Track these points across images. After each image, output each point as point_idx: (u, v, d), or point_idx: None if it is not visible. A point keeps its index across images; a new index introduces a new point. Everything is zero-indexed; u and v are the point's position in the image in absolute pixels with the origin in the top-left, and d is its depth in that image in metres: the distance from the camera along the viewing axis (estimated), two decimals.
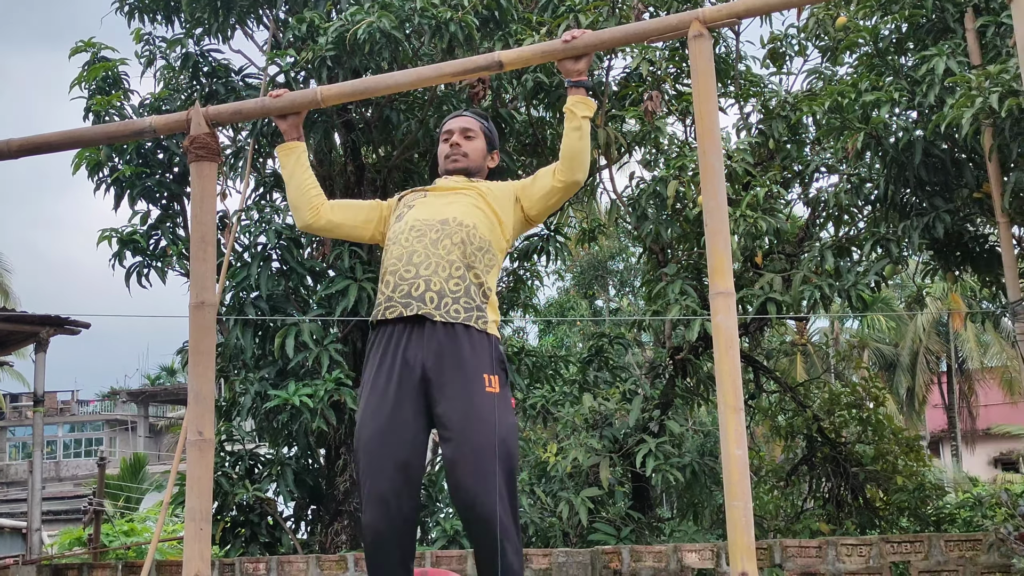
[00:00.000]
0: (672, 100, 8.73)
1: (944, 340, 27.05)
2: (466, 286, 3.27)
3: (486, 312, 3.30)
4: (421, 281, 3.25)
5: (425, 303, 3.22)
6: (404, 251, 3.32)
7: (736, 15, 3.17)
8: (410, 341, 3.23)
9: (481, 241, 3.36)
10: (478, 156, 3.60)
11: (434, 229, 3.34)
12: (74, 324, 10.28)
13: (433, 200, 3.47)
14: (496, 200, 3.47)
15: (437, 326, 3.21)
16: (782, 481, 10.76)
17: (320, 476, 9.15)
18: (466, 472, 3.10)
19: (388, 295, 3.29)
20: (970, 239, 8.22)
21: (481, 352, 3.22)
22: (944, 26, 7.56)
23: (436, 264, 3.27)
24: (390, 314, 3.26)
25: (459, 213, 3.38)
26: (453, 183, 3.53)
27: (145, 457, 27.79)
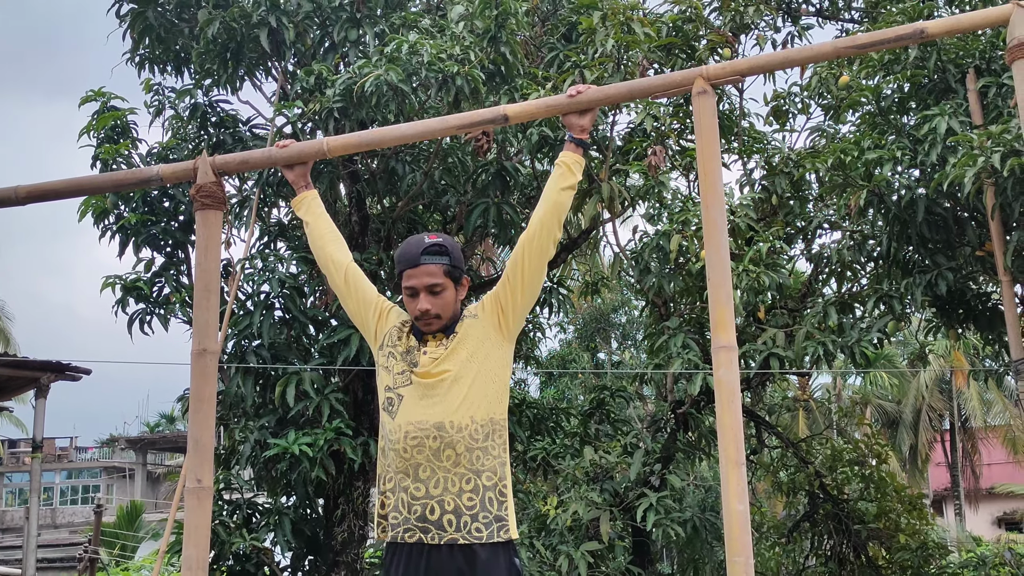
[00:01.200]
0: (676, 155, 8.79)
1: (947, 398, 26.96)
2: (480, 499, 3.19)
3: (505, 518, 3.23)
4: (435, 503, 3.17)
5: (445, 529, 3.15)
6: (408, 465, 3.22)
7: (740, 73, 3.21)
8: (430, 562, 3.18)
9: (485, 428, 3.25)
10: (449, 307, 3.36)
11: (432, 437, 3.20)
12: (75, 370, 10.29)
13: (422, 391, 3.28)
14: (480, 353, 3.31)
15: (456, 549, 3.16)
16: (784, 537, 10.67)
17: (318, 526, 9.08)
18: None
19: (405, 516, 3.20)
20: (973, 297, 8.22)
21: (498, 563, 3.18)
22: (946, 86, 7.64)
23: (445, 480, 3.18)
24: (409, 538, 3.19)
25: (453, 413, 3.22)
26: (435, 364, 3.30)
27: (142, 505, 27.61)
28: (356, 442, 8.21)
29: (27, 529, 10.40)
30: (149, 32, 9.05)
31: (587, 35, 8.29)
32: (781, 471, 10.99)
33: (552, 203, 3.29)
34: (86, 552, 11.57)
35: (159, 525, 24.67)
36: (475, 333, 3.34)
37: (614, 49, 8.05)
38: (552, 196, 3.30)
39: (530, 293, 3.35)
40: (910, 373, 24.99)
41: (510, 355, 3.40)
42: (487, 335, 3.34)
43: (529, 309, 3.45)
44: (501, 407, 3.31)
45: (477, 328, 3.34)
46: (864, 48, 3.18)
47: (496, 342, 3.34)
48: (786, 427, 19.64)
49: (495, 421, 3.28)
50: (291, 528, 8.51)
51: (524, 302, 3.35)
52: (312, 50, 8.96)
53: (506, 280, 3.35)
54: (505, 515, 3.23)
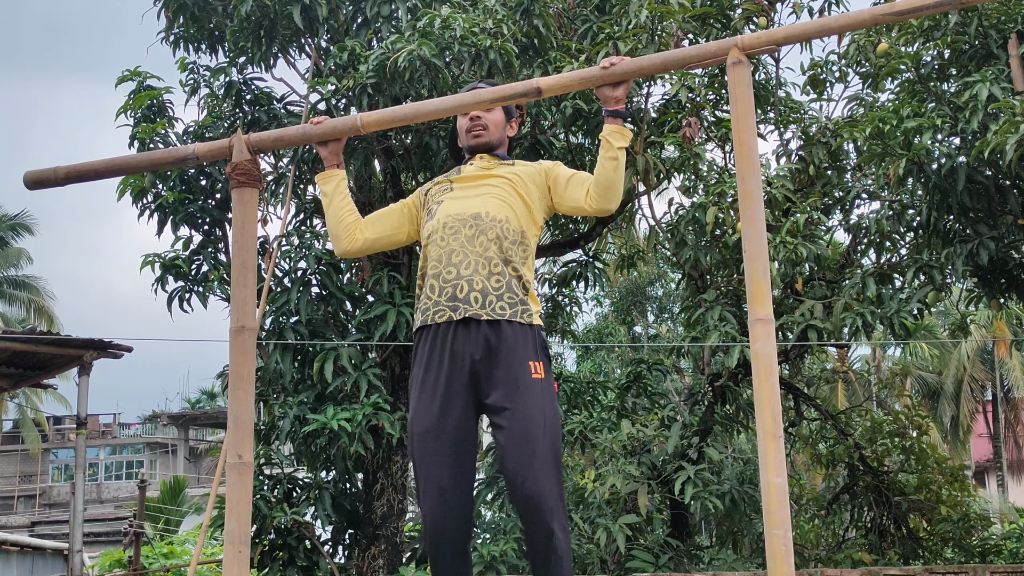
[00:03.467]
0: (711, 127, 8.71)
1: (989, 368, 26.68)
2: (507, 282, 3.36)
3: (528, 304, 3.40)
4: (464, 282, 3.33)
5: (471, 304, 3.32)
6: (442, 251, 3.39)
7: (775, 42, 3.17)
8: (456, 337, 3.33)
9: (515, 234, 3.44)
10: (498, 128, 3.65)
11: (468, 225, 3.40)
12: (117, 348, 10.41)
13: (461, 192, 3.51)
14: (525, 187, 3.53)
15: (482, 323, 3.31)
16: (823, 510, 10.63)
17: (358, 500, 9.16)
18: (517, 455, 3.24)
19: (435, 299, 3.37)
20: (1015, 266, 8.11)
21: (525, 341, 3.34)
22: (987, 52, 7.51)
23: (475, 262, 3.35)
24: (439, 318, 3.35)
25: (491, 207, 3.44)
26: (478, 171, 3.57)
27: (185, 480, 27.99)
28: (394, 417, 8.26)
29: (73, 504, 10.58)
30: (183, 11, 9.09)
31: (620, 6, 8.21)
32: (820, 443, 10.93)
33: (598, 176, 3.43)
34: (131, 527, 11.77)
35: (202, 500, 25.02)
36: (527, 173, 3.56)
37: (648, 20, 7.97)
38: (597, 172, 3.43)
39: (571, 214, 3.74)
40: (951, 344, 24.73)
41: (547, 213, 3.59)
42: (537, 184, 3.55)
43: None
44: (532, 234, 3.52)
45: (530, 174, 3.56)
46: (903, 14, 3.13)
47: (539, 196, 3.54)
48: (825, 399, 19.53)
49: (526, 236, 3.48)
50: (331, 502, 8.59)
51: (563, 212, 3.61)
52: (345, 26, 8.96)
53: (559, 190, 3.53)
54: (529, 303, 3.41)
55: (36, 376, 11.36)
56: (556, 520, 3.24)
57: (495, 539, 8.62)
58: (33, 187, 3.53)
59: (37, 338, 10.54)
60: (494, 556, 8.21)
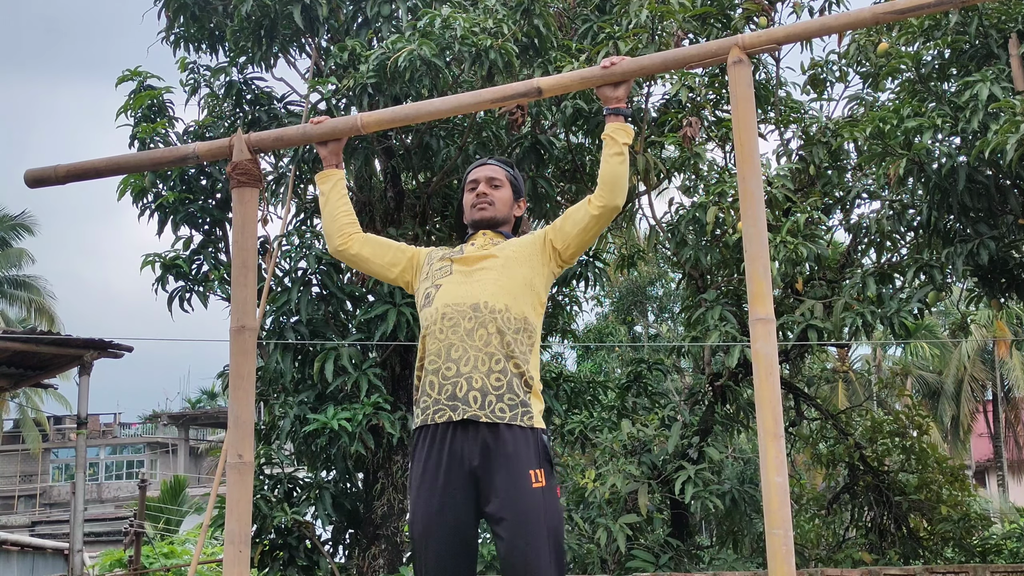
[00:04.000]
0: (712, 126, 8.71)
1: (989, 368, 26.67)
2: (508, 380, 3.25)
3: (530, 406, 3.29)
4: (463, 380, 3.23)
5: (470, 404, 3.22)
6: (441, 346, 3.29)
7: (776, 41, 3.17)
8: (455, 438, 3.25)
9: (517, 323, 3.33)
10: (505, 205, 3.57)
11: (467, 317, 3.30)
12: (117, 347, 10.41)
13: (460, 276, 3.41)
14: (524, 261, 3.43)
15: (481, 426, 3.23)
16: (823, 509, 10.63)
17: (358, 500, 9.17)
18: (518, 568, 3.17)
19: (435, 398, 3.27)
20: (1015, 266, 8.11)
21: (526, 448, 3.24)
22: (987, 52, 7.50)
23: (475, 359, 3.25)
24: (439, 418, 3.26)
25: (490, 295, 3.33)
26: (478, 250, 3.47)
27: (185, 480, 27.99)
28: (394, 416, 8.27)
29: (74, 504, 10.58)
30: (184, 11, 9.10)
31: (621, 5, 8.22)
32: (820, 443, 10.93)
33: (602, 178, 3.38)
34: (132, 526, 11.77)
35: (202, 499, 25.02)
36: (525, 247, 3.48)
37: (648, 19, 7.97)
38: (602, 171, 3.40)
39: (583, 248, 3.52)
40: (951, 343, 24.72)
41: (550, 280, 3.51)
42: (535, 252, 3.47)
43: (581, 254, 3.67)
44: (536, 316, 3.42)
45: (528, 245, 3.49)
46: (904, 13, 3.13)
47: (541, 262, 3.46)
48: (825, 399, 19.53)
49: (529, 322, 3.37)
50: (331, 502, 8.60)
51: (575, 253, 3.50)
52: (345, 26, 8.96)
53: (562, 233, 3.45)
54: (530, 403, 3.30)
55: (37, 376, 11.36)
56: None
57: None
58: (34, 185, 3.54)
59: (38, 338, 10.54)
60: (494, 556, 8.20)
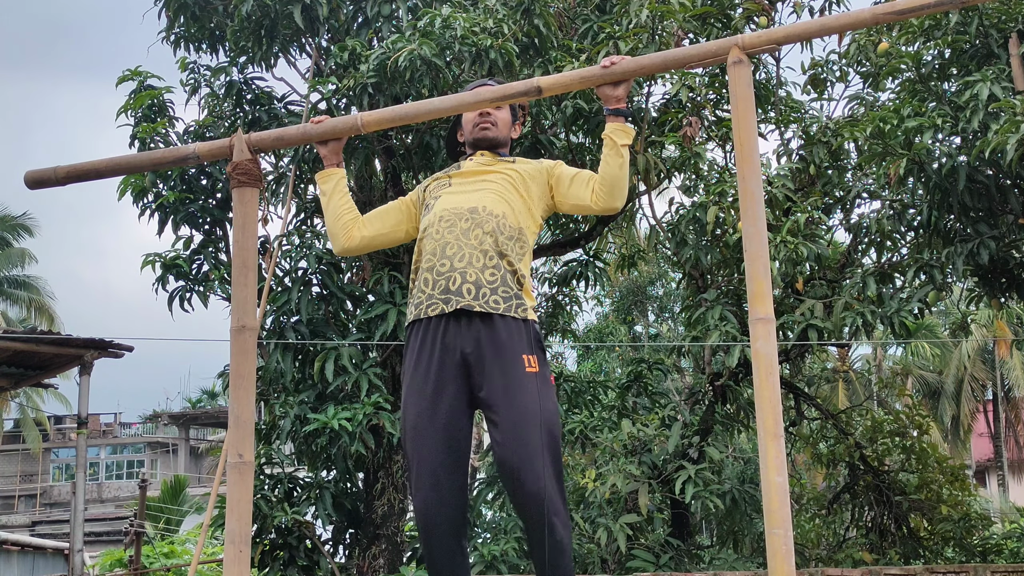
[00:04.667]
0: (712, 126, 8.71)
1: (990, 368, 26.66)
2: (501, 275, 3.32)
3: (523, 299, 3.36)
4: (457, 274, 3.30)
5: (464, 296, 3.28)
6: (436, 244, 3.36)
7: (776, 41, 3.17)
8: (448, 330, 3.30)
9: (512, 230, 3.40)
10: (505, 126, 3.64)
11: (464, 218, 3.37)
12: (118, 347, 10.40)
13: (459, 187, 3.49)
14: (525, 184, 3.50)
15: (475, 317, 3.28)
16: (824, 509, 10.63)
17: (358, 500, 9.17)
18: (512, 450, 3.20)
19: (428, 292, 3.33)
20: (1016, 266, 8.11)
21: (519, 335, 3.30)
22: (988, 51, 7.50)
23: (470, 255, 3.32)
24: (431, 311, 3.31)
25: (488, 202, 3.41)
26: (478, 166, 3.54)
27: (186, 479, 28.00)
28: (395, 416, 8.27)
29: (74, 503, 10.58)
30: (184, 11, 9.10)
31: (621, 5, 8.22)
32: (820, 443, 10.93)
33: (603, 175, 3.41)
34: (132, 526, 11.78)
35: (203, 499, 25.03)
36: (529, 172, 3.53)
37: (648, 19, 7.97)
38: (602, 170, 3.42)
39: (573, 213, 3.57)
40: (952, 343, 24.72)
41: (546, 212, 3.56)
42: (541, 184, 3.52)
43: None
44: (531, 232, 3.48)
45: (532, 173, 3.53)
46: (904, 14, 3.13)
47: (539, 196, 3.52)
48: (825, 398, 19.53)
49: (523, 233, 3.44)
50: (332, 502, 8.60)
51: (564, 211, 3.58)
52: (345, 25, 8.97)
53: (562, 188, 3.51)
54: (523, 297, 3.36)
55: (37, 375, 11.35)
56: (556, 514, 3.20)
57: (495, 539, 8.62)
58: (34, 187, 3.54)
59: (38, 338, 10.53)
60: (495, 556, 8.21)
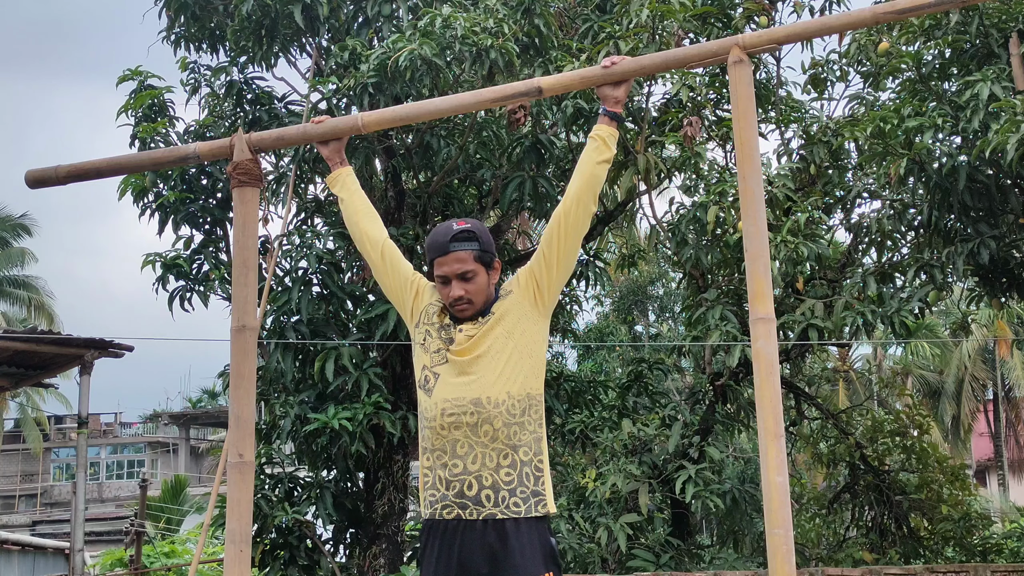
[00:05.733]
0: (712, 126, 8.71)
1: (990, 367, 26.65)
2: (518, 473, 3.19)
3: (543, 494, 3.23)
4: (472, 479, 3.17)
5: (483, 504, 3.16)
6: (445, 442, 3.22)
7: (776, 41, 3.16)
8: (464, 541, 3.19)
9: (521, 404, 3.24)
10: (482, 292, 3.32)
11: (468, 412, 3.20)
12: (118, 347, 10.39)
13: (457, 367, 3.27)
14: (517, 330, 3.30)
15: (489, 525, 3.17)
16: (824, 509, 10.64)
17: (359, 499, 9.17)
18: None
19: (443, 493, 3.20)
20: (1016, 265, 8.11)
21: (533, 552, 3.18)
22: (988, 51, 7.50)
23: (483, 456, 3.18)
24: (447, 514, 3.20)
25: (490, 388, 3.22)
26: (471, 341, 3.29)
27: (186, 479, 28.01)
28: (395, 416, 8.27)
29: (75, 503, 10.57)
30: (184, 10, 9.10)
31: (622, 5, 8.22)
32: (821, 442, 10.93)
33: (586, 177, 3.27)
34: (132, 526, 11.78)
35: (203, 499, 25.03)
36: (512, 310, 3.31)
37: (649, 19, 7.97)
38: (586, 170, 3.27)
39: (565, 267, 3.32)
40: (952, 343, 24.71)
41: (546, 330, 3.38)
42: (523, 311, 3.31)
43: (564, 283, 3.43)
44: (538, 382, 3.30)
45: (513, 305, 3.32)
46: (904, 13, 3.13)
47: (532, 318, 3.32)
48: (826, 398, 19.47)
49: (531, 396, 3.26)
50: (332, 501, 8.60)
51: (559, 276, 3.32)
52: (346, 25, 8.97)
53: (541, 255, 3.31)
54: (542, 490, 3.23)
55: (37, 375, 11.35)
56: None
57: None
58: (34, 186, 3.54)
59: (38, 337, 10.53)
60: None
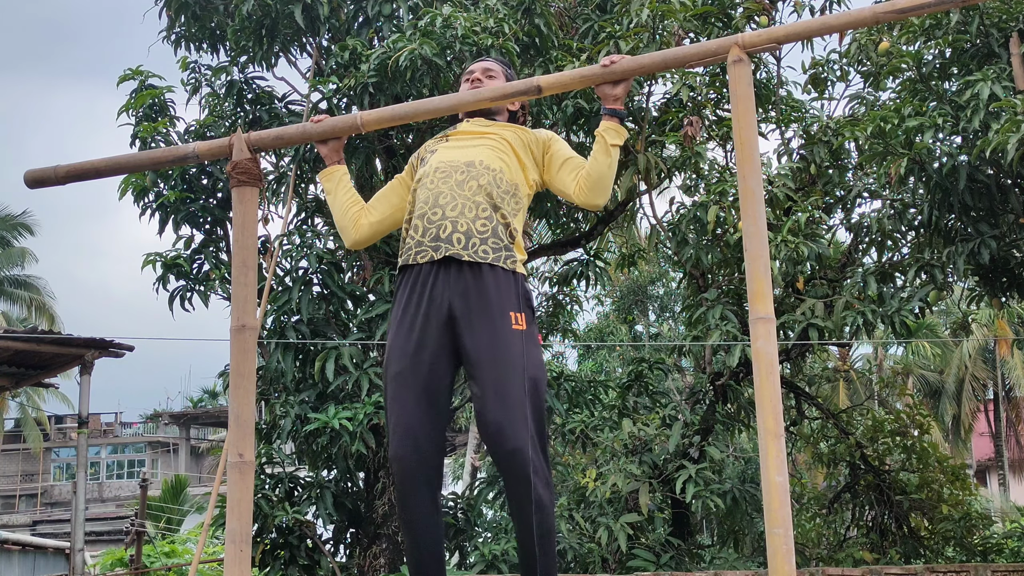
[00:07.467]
0: (712, 125, 8.71)
1: (990, 367, 26.64)
2: (493, 227, 3.31)
3: (513, 252, 3.34)
4: (448, 223, 3.28)
5: (453, 244, 3.26)
6: (430, 193, 3.35)
7: (776, 40, 3.16)
8: (436, 280, 3.27)
9: (508, 184, 3.40)
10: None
11: (459, 171, 3.37)
12: (118, 347, 10.41)
13: (456, 143, 3.49)
14: (522, 148, 3.49)
15: (464, 266, 3.26)
16: (824, 509, 10.63)
17: (359, 499, 9.17)
18: (494, 406, 3.15)
19: (418, 239, 3.32)
20: (1016, 265, 8.11)
21: (508, 290, 3.27)
22: (988, 51, 7.50)
23: (463, 205, 3.31)
24: (421, 258, 3.30)
25: (485, 157, 3.41)
26: (475, 127, 3.54)
27: (186, 479, 28.02)
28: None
29: (75, 503, 10.58)
30: (185, 10, 9.10)
31: (622, 4, 8.22)
32: (821, 442, 10.93)
33: (591, 170, 3.40)
34: (133, 525, 11.79)
35: (203, 499, 25.04)
36: (527, 140, 3.52)
37: (649, 19, 7.97)
38: (591, 166, 3.40)
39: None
40: (953, 342, 24.71)
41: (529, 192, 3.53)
42: (536, 152, 3.51)
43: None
44: (526, 189, 3.48)
45: (529, 141, 3.52)
46: (904, 13, 3.13)
47: (535, 161, 3.51)
48: (826, 398, 19.50)
49: (519, 190, 3.44)
50: (332, 501, 8.60)
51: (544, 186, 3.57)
52: (346, 25, 8.97)
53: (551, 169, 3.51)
54: (514, 250, 3.34)
55: (38, 375, 11.36)
56: (536, 474, 3.12)
57: (496, 538, 8.62)
58: (34, 186, 3.53)
59: (39, 337, 10.54)
60: (495, 555, 8.21)
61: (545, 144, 3.54)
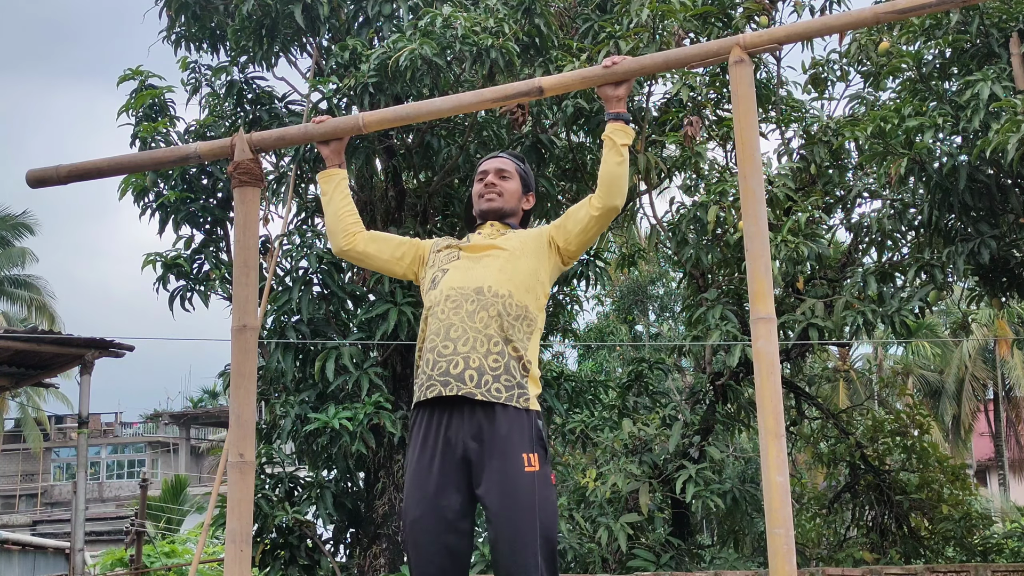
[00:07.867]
0: (713, 125, 8.71)
1: (991, 367, 26.63)
2: (505, 362, 3.25)
3: (527, 388, 3.28)
4: (460, 359, 3.23)
5: (465, 382, 3.21)
6: (441, 325, 3.30)
7: (777, 40, 3.17)
8: (451, 421, 3.24)
9: (518, 309, 3.34)
10: (513, 197, 3.58)
11: (469, 300, 3.31)
12: (119, 347, 10.41)
13: (466, 262, 3.43)
14: (529, 251, 3.44)
15: (477, 406, 3.22)
16: (825, 509, 10.63)
17: (359, 499, 9.17)
18: (506, 553, 3.15)
19: (429, 373, 3.27)
20: (1016, 265, 8.11)
21: (520, 431, 3.23)
22: (988, 51, 7.50)
23: (474, 339, 3.25)
24: (430, 393, 3.26)
25: (493, 280, 3.34)
26: (485, 239, 3.49)
27: (186, 479, 28.01)
28: (395, 416, 8.27)
29: (75, 503, 10.58)
30: (185, 10, 9.11)
31: (622, 5, 8.22)
32: (821, 442, 10.93)
33: (604, 174, 3.39)
34: (133, 525, 11.78)
35: (203, 499, 25.03)
36: (530, 240, 3.49)
37: (649, 19, 7.97)
38: (603, 169, 3.39)
39: (585, 247, 3.52)
40: (953, 342, 24.71)
41: (555, 272, 3.52)
42: (541, 246, 3.48)
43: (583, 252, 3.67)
44: (537, 307, 3.43)
45: (532, 238, 3.50)
46: (905, 13, 3.13)
47: (546, 255, 3.47)
48: (826, 398, 19.51)
49: (530, 312, 3.38)
50: (332, 501, 8.60)
51: (577, 251, 3.51)
52: (346, 25, 8.97)
53: (564, 230, 3.47)
54: (527, 386, 3.29)
55: (38, 375, 11.36)
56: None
57: None
58: (35, 185, 3.54)
59: (39, 337, 10.54)
60: None
61: (547, 229, 3.51)
